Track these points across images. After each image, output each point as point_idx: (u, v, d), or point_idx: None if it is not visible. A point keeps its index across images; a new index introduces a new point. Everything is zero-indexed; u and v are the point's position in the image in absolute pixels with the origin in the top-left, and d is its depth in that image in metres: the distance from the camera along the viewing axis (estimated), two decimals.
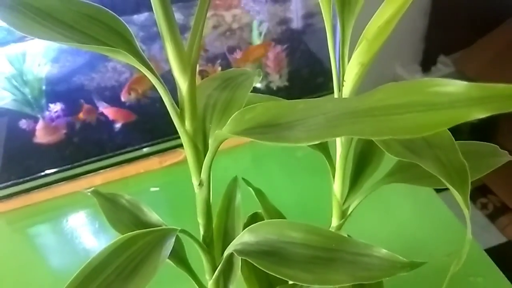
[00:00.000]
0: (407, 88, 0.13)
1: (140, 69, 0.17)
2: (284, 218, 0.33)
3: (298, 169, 0.59)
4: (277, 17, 0.68)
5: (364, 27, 0.22)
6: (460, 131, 1.24)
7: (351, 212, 0.29)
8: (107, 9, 0.17)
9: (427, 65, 1.45)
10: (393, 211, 0.50)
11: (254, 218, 0.31)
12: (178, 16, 0.66)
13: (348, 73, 0.23)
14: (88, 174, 0.61)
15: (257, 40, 0.62)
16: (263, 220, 0.31)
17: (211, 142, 0.18)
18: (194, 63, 0.17)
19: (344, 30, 0.24)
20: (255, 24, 0.62)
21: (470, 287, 0.45)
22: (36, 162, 0.61)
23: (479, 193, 1.21)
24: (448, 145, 0.17)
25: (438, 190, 0.53)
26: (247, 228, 0.23)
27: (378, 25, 0.20)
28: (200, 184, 0.20)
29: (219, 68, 0.62)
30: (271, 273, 0.20)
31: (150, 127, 0.64)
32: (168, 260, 0.25)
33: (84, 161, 0.61)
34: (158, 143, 0.63)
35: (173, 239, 0.19)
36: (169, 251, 0.19)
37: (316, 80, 0.68)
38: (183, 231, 0.21)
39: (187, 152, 0.19)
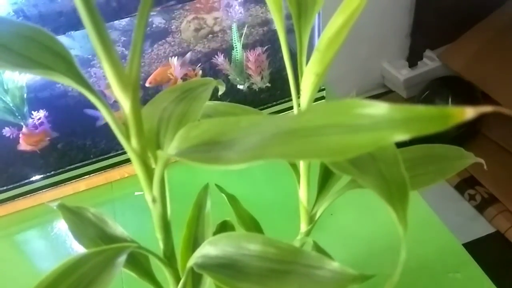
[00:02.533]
0: (334, 108, 0.13)
1: (80, 90, 0.17)
2: (257, 223, 0.34)
3: (272, 172, 0.59)
4: (258, 18, 0.68)
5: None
6: None
7: (319, 217, 0.29)
8: (44, 29, 0.17)
9: (413, 60, 1.46)
10: (370, 210, 0.50)
11: (224, 226, 0.31)
12: (159, 21, 0.66)
13: (304, 83, 0.23)
14: (72, 180, 0.61)
15: (237, 43, 0.62)
16: (233, 227, 0.31)
17: (156, 168, 0.18)
18: (135, 81, 0.17)
19: (301, 39, 0.24)
20: (234, 27, 0.62)
21: (449, 284, 0.45)
22: (20, 169, 0.61)
23: (467, 184, 1.22)
24: (390, 158, 0.17)
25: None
26: (207, 240, 0.23)
27: (328, 36, 0.20)
28: (153, 200, 0.20)
29: (200, 72, 0.62)
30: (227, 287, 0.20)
31: None
32: (132, 273, 0.25)
33: (68, 167, 0.61)
34: None
35: (125, 257, 0.19)
36: (119, 270, 0.19)
37: (297, 81, 0.68)
38: (139, 247, 0.21)
39: (136, 169, 0.19)
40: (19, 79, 0.62)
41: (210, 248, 0.22)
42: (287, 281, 0.19)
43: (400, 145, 0.17)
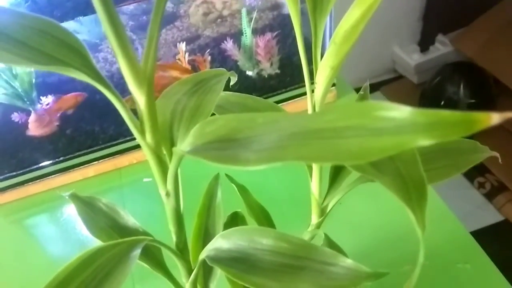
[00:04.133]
0: (355, 110, 0.13)
1: (95, 85, 0.17)
2: (268, 214, 0.34)
3: (283, 163, 0.59)
4: (268, 2, 0.66)
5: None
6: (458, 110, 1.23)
7: (330, 210, 0.29)
8: (58, 23, 0.17)
9: (425, 44, 1.43)
10: (380, 199, 0.50)
11: (234, 218, 0.31)
12: (167, 5, 0.65)
13: (319, 76, 0.23)
14: (81, 166, 0.62)
15: (247, 28, 0.61)
16: (243, 219, 0.31)
17: (171, 163, 0.18)
18: (151, 76, 0.17)
19: (316, 31, 0.24)
20: (244, 11, 0.61)
21: (458, 274, 0.45)
22: (29, 155, 0.61)
23: (477, 172, 1.21)
24: (409, 157, 0.17)
25: None
26: (220, 234, 0.23)
27: (345, 29, 0.20)
28: (167, 194, 0.20)
29: (209, 58, 0.61)
30: (240, 282, 0.20)
31: None
32: (145, 265, 0.25)
33: (77, 153, 0.61)
34: None
35: (139, 250, 0.19)
36: (134, 263, 0.19)
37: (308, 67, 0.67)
38: (153, 240, 0.21)
39: (151, 163, 0.19)
40: None
41: (222, 242, 0.22)
42: (301, 276, 0.19)
43: None
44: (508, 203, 1.13)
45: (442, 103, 1.25)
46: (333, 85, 0.66)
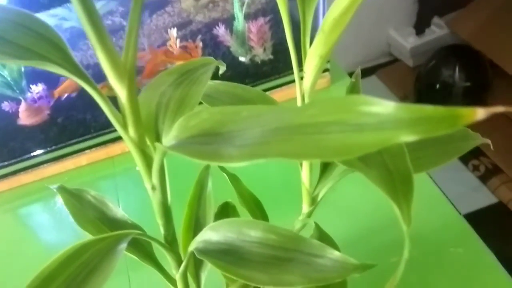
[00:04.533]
0: (338, 104, 0.13)
1: (76, 80, 0.16)
2: (259, 202, 0.33)
3: None
4: None
5: None
6: (454, 94, 1.23)
7: (321, 199, 0.29)
8: (37, 16, 0.16)
9: (420, 27, 1.42)
10: (371, 185, 0.50)
11: (225, 207, 0.31)
12: None
13: (308, 65, 0.22)
14: (74, 155, 0.61)
15: (239, 13, 0.60)
16: (234, 209, 0.31)
17: (155, 157, 0.18)
18: (132, 70, 0.16)
19: (305, 18, 0.23)
20: None
21: (450, 258, 0.45)
22: (21, 144, 0.61)
23: (471, 155, 1.21)
24: (396, 149, 0.17)
25: None
26: (208, 226, 0.23)
27: (333, 17, 0.20)
28: (153, 188, 0.20)
29: (201, 44, 0.60)
30: (228, 275, 0.20)
31: None
32: (133, 256, 0.25)
33: (69, 142, 0.61)
34: None
35: (125, 244, 0.19)
36: (120, 257, 0.19)
37: (301, 53, 0.67)
38: (140, 234, 0.21)
39: (135, 157, 0.19)
40: None
41: (211, 234, 0.22)
42: (289, 268, 0.19)
43: None
44: (503, 185, 1.14)
45: (438, 86, 1.25)
46: (327, 70, 0.66)
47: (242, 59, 0.64)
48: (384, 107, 0.12)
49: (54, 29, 0.17)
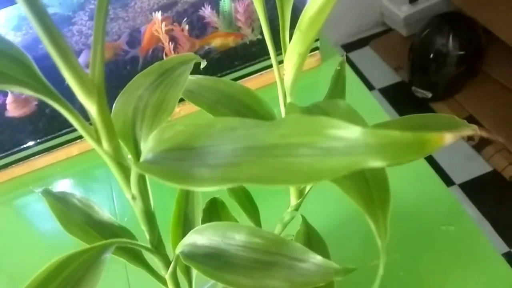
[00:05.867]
0: (307, 125, 0.12)
1: (43, 99, 0.16)
2: (249, 194, 0.33)
3: None
4: None
5: None
6: (448, 63, 1.22)
7: (308, 192, 0.29)
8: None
9: None
10: None
11: (213, 203, 0.30)
12: None
13: (287, 63, 0.22)
14: (64, 145, 0.61)
15: None
16: (223, 204, 0.31)
17: (132, 170, 0.17)
18: (100, 84, 0.16)
19: (283, 13, 0.23)
20: None
21: (442, 236, 0.46)
22: (10, 137, 0.60)
23: None
24: None
25: None
26: (193, 229, 0.23)
27: (309, 16, 0.19)
28: (133, 198, 0.20)
29: (187, 27, 0.59)
30: (213, 280, 0.20)
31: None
32: (121, 259, 0.25)
33: (58, 132, 0.60)
34: None
35: (110, 253, 0.19)
36: (105, 266, 0.19)
37: (290, 31, 0.65)
38: (124, 242, 0.21)
39: (112, 169, 0.18)
40: None
41: (196, 237, 0.22)
42: (272, 273, 0.19)
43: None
44: (497, 154, 1.14)
45: (432, 56, 1.23)
46: (317, 48, 0.65)
47: None
48: (351, 131, 0.11)
49: (17, 45, 0.16)
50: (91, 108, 0.16)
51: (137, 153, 0.20)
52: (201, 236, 0.22)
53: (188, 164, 0.15)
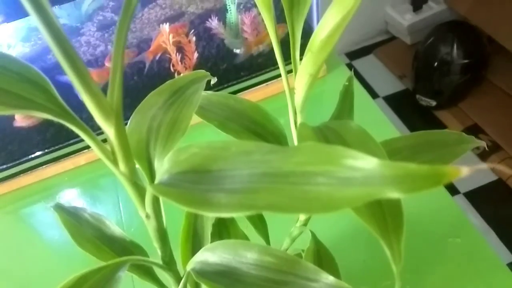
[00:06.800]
0: (324, 154, 0.12)
1: (62, 122, 0.16)
2: None
3: None
4: None
5: None
6: (452, 71, 1.22)
7: None
8: (15, 56, 0.16)
9: (418, 3, 1.40)
10: None
11: (222, 218, 0.31)
12: None
13: (298, 83, 0.22)
14: (72, 155, 0.61)
15: (231, 5, 0.59)
16: (231, 218, 0.31)
17: (148, 191, 0.18)
18: (118, 107, 0.16)
19: (294, 32, 0.23)
20: None
21: (449, 248, 0.46)
22: (19, 146, 0.61)
23: (470, 132, 1.20)
24: None
25: None
26: (204, 247, 0.23)
27: (321, 39, 0.19)
28: (147, 217, 0.20)
29: (194, 39, 0.60)
30: None
31: (134, 95, 0.62)
32: (134, 275, 0.26)
33: (66, 142, 0.61)
34: None
35: (124, 272, 0.19)
36: (120, 284, 0.19)
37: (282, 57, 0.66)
38: (137, 259, 0.21)
39: (127, 189, 0.19)
40: (10, 52, 0.60)
41: (208, 254, 0.22)
42: None
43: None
44: (502, 163, 1.14)
45: (436, 64, 1.24)
46: None
47: (236, 51, 0.63)
48: (368, 162, 0.12)
49: (36, 69, 0.17)
50: (109, 131, 0.16)
51: (151, 172, 0.20)
52: (212, 254, 0.22)
53: (205, 188, 0.15)
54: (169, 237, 0.23)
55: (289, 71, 0.24)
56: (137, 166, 0.21)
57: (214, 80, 0.28)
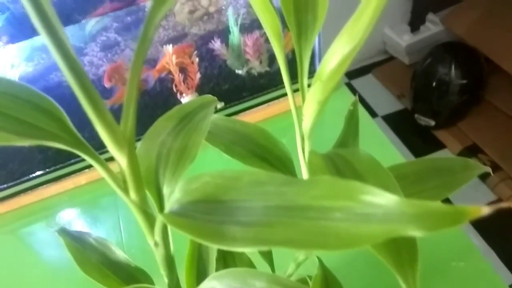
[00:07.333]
0: (341, 189, 0.12)
1: (74, 151, 0.16)
2: None
3: None
4: None
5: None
6: (450, 92, 1.23)
7: None
8: (30, 85, 0.16)
9: (415, 24, 1.42)
10: None
11: None
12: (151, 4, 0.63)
13: (306, 109, 0.22)
14: (72, 175, 0.61)
15: (234, 27, 0.60)
16: None
17: (158, 219, 0.18)
18: (131, 137, 0.16)
19: (302, 60, 0.23)
20: (230, 10, 0.59)
21: (452, 272, 0.45)
22: (20, 166, 0.61)
23: (469, 152, 1.21)
24: None
25: None
26: (212, 275, 0.22)
27: (330, 69, 0.19)
28: (156, 245, 0.20)
29: (197, 60, 0.60)
30: None
31: (137, 115, 0.62)
32: None
33: (67, 162, 0.61)
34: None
35: None
36: None
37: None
38: (145, 287, 0.21)
39: (137, 217, 0.19)
40: (14, 72, 0.61)
41: (215, 283, 0.22)
42: None
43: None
44: (501, 183, 1.14)
45: (434, 84, 1.25)
46: None
47: (239, 72, 0.64)
48: (388, 199, 0.11)
49: (50, 98, 0.17)
50: (121, 160, 0.16)
51: (159, 199, 0.20)
52: (220, 283, 0.22)
53: (218, 220, 0.15)
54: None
55: (295, 90, 0.25)
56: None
57: (220, 105, 0.28)
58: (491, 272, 0.44)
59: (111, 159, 0.18)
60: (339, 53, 0.19)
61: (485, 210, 0.11)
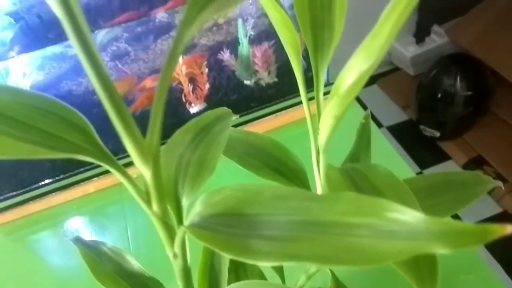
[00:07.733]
0: (367, 206, 0.13)
1: (100, 164, 0.16)
2: None
3: None
4: (263, 9, 0.66)
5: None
6: (455, 103, 1.24)
7: None
8: (58, 99, 0.17)
9: (421, 36, 1.43)
10: None
11: None
12: (162, 15, 0.64)
13: (323, 124, 0.22)
14: (81, 183, 0.61)
15: (243, 38, 0.61)
16: None
17: (179, 231, 0.18)
18: (156, 150, 0.17)
19: (318, 75, 0.24)
20: (240, 22, 0.60)
21: (461, 285, 0.45)
22: (29, 173, 0.61)
23: (475, 164, 1.21)
24: None
25: None
26: (227, 287, 0.23)
27: (348, 85, 0.20)
28: (175, 256, 0.20)
29: (206, 71, 0.61)
30: None
31: (146, 124, 0.63)
32: None
33: (76, 170, 0.61)
34: None
35: None
36: None
37: (306, 75, 0.67)
38: None
39: (157, 228, 0.19)
40: (25, 81, 0.61)
41: None
42: None
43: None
44: (507, 195, 1.14)
45: (439, 95, 1.25)
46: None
47: (247, 82, 0.64)
48: (413, 217, 0.12)
49: (77, 111, 0.17)
50: (146, 172, 0.17)
51: (179, 211, 0.21)
52: None
53: (242, 233, 0.15)
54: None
55: (310, 99, 0.25)
56: None
57: (235, 117, 0.29)
58: (500, 285, 0.44)
59: (125, 165, 0.18)
60: (355, 70, 0.20)
61: (510, 229, 0.11)
